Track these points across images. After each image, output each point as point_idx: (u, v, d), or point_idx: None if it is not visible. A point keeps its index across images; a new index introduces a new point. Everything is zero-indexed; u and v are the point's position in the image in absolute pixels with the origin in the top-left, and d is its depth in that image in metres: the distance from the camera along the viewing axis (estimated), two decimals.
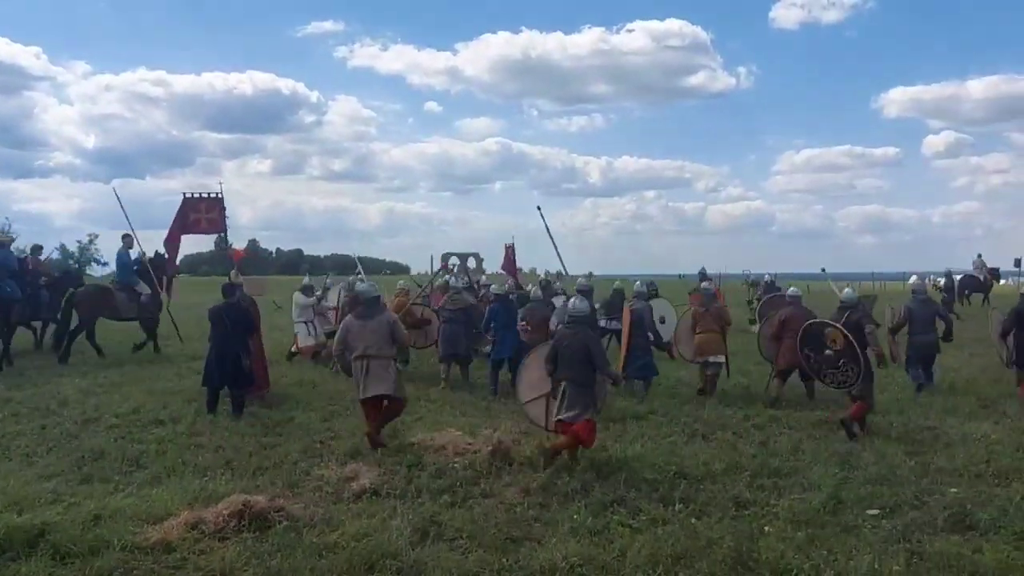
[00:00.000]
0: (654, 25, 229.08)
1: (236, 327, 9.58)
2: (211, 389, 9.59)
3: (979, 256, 26.49)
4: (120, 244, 14.34)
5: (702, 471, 7.07)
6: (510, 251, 19.32)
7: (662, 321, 13.04)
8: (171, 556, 5.19)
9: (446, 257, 21.54)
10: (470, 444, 7.70)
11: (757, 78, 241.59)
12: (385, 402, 8.04)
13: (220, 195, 11.27)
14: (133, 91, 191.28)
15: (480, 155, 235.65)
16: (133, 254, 14.51)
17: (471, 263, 21.76)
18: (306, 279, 15.38)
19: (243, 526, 5.54)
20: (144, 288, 14.12)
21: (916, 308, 11.12)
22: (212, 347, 9.67)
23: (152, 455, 7.73)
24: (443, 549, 5.34)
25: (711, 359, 10.93)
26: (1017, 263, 26.59)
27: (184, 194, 10.98)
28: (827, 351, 8.85)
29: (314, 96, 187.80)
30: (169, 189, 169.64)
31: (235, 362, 9.39)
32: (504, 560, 5.14)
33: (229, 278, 10.98)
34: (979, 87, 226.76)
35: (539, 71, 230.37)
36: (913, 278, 13.39)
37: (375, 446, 7.73)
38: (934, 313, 11.37)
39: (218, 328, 9.66)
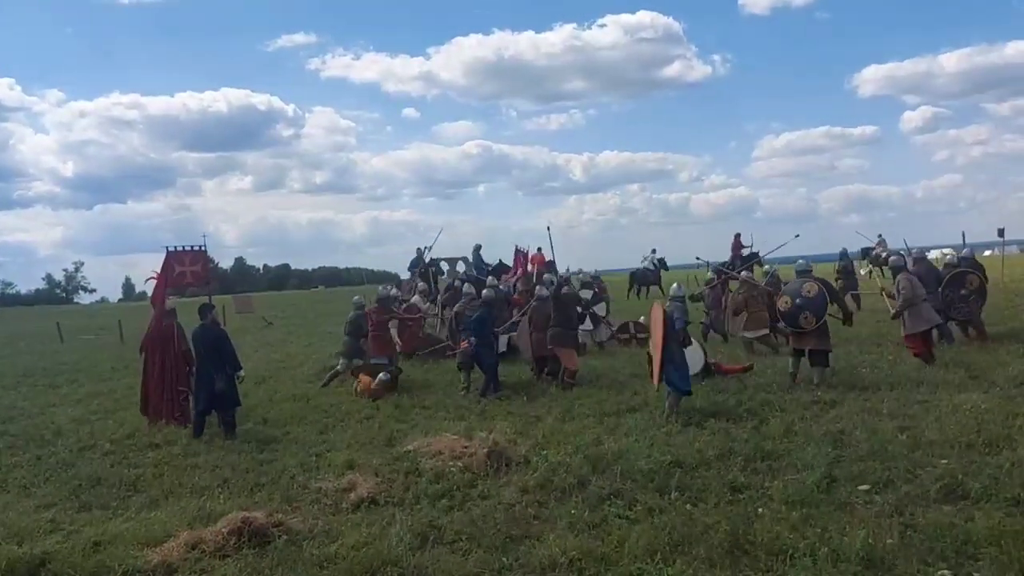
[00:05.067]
0: (625, 18, 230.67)
1: (209, 350, 9.50)
2: (196, 414, 9.56)
3: (880, 236, 26.22)
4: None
5: (696, 458, 7.13)
6: (521, 256, 18.80)
7: None
8: None
9: (434, 263, 21.43)
10: (466, 447, 7.72)
11: (732, 65, 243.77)
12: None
13: (204, 248, 11.27)
14: (108, 116, 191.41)
15: (461, 159, 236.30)
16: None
17: (460, 267, 21.68)
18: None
19: (243, 543, 5.57)
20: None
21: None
22: (195, 371, 9.68)
23: (149, 478, 7.75)
24: (443, 552, 5.39)
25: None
26: (1000, 233, 26.67)
27: (167, 248, 10.99)
28: (963, 291, 12.80)
29: (290, 109, 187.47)
30: (152, 212, 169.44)
31: (212, 385, 9.33)
32: (504, 559, 5.20)
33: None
34: (952, 60, 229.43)
35: (514, 71, 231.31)
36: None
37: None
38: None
39: (196, 352, 9.65)
